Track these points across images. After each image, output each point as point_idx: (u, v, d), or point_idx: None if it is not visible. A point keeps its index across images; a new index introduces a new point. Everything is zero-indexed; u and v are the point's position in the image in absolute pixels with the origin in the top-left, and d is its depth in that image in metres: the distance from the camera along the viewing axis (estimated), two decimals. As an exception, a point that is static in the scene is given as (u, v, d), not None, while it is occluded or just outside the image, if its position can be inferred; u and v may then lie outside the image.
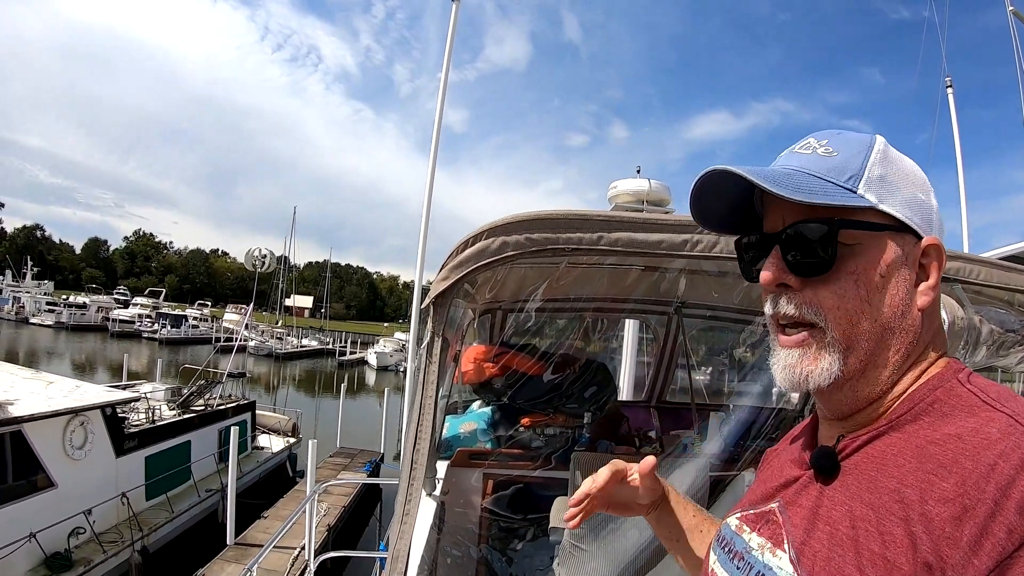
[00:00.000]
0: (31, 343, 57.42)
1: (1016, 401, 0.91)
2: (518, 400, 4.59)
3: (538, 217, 2.02)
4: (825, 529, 0.96)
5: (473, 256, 2.03)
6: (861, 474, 0.97)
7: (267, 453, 20.14)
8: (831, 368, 0.99)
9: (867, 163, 1.02)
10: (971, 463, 0.84)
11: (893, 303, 1.00)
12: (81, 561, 11.07)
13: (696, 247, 2.04)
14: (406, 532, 2.09)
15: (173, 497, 14.42)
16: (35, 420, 10.90)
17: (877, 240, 1.00)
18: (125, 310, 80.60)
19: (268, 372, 52.92)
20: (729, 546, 1.17)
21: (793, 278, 1.02)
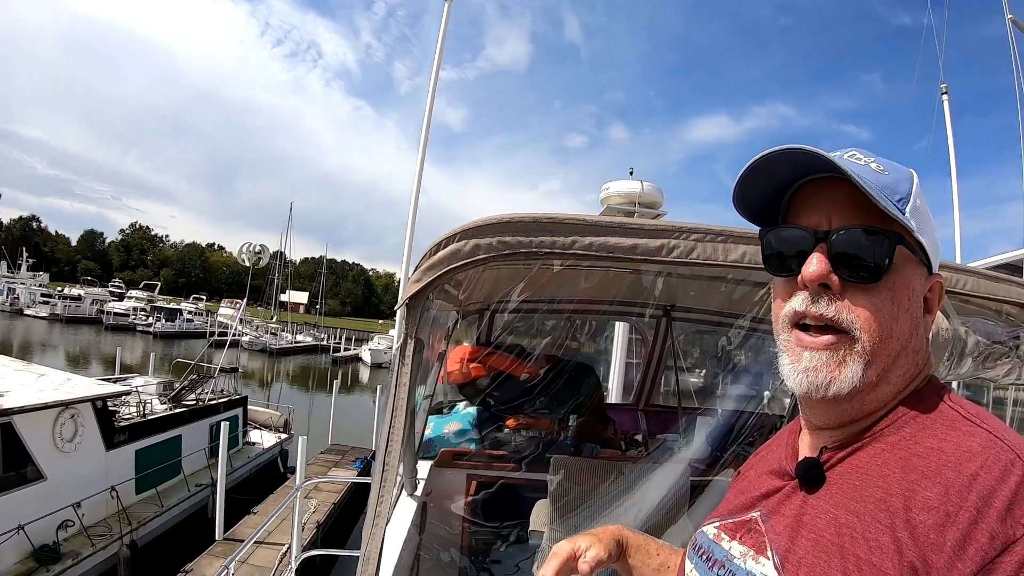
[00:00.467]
0: (25, 335, 57.28)
1: (993, 419, 0.96)
2: (502, 400, 4.59)
3: (511, 220, 2.00)
4: (810, 536, 0.98)
5: (446, 258, 2.02)
6: (846, 484, 0.99)
7: (258, 449, 20.09)
8: (853, 378, 0.99)
9: (912, 190, 1.03)
10: (954, 473, 0.87)
11: (912, 326, 1.04)
12: (69, 554, 11.07)
13: (672, 252, 2.02)
14: (377, 534, 2.10)
15: (163, 491, 14.39)
16: (25, 412, 10.87)
17: (911, 265, 1.03)
18: (120, 303, 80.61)
19: (262, 367, 52.90)
20: (707, 554, 1.18)
21: (836, 280, 1.01)
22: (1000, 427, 0.94)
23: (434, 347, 3.98)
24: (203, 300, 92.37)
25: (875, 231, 0.99)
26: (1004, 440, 0.90)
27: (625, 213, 7.69)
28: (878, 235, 0.99)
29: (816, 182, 1.07)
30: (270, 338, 66.54)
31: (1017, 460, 0.87)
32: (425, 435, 4.52)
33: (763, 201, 1.13)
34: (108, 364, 33.42)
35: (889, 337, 1.00)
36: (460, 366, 4.70)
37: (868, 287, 1.00)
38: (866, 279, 0.99)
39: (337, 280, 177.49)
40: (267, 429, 21.95)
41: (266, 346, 62.81)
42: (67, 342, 55.82)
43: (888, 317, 1.00)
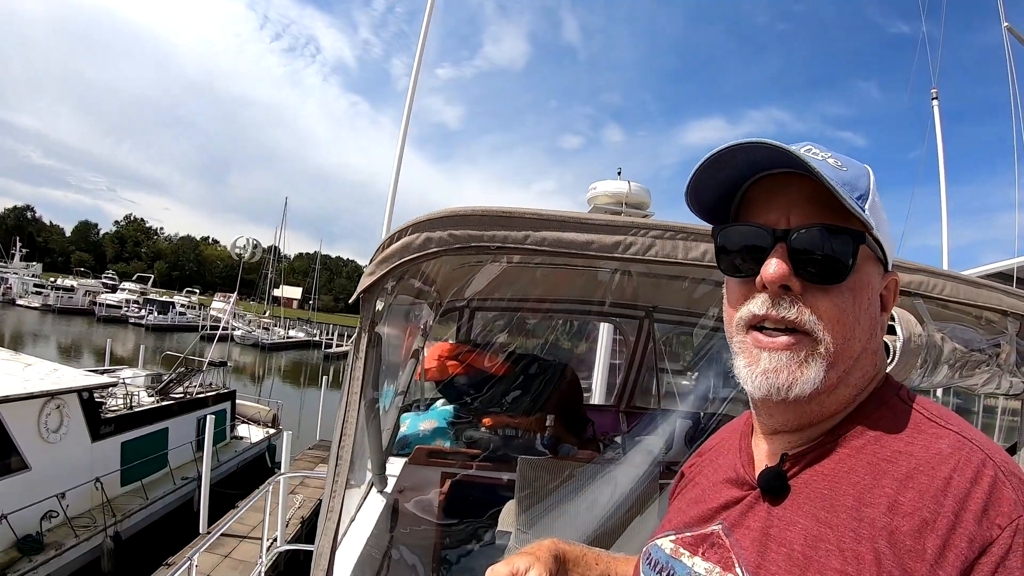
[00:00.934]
0: (17, 325, 57.32)
1: (956, 418, 0.96)
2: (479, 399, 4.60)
3: (463, 213, 1.98)
4: (780, 551, 0.94)
5: (397, 252, 1.99)
6: (813, 492, 0.96)
7: (246, 443, 20.15)
8: (816, 379, 0.96)
9: (870, 187, 1.01)
10: (926, 478, 0.86)
11: (872, 326, 1.02)
12: (53, 544, 11.15)
13: (629, 249, 1.99)
14: (329, 529, 2.09)
15: (148, 484, 14.45)
16: (10, 402, 10.96)
17: (868, 263, 1.01)
18: (113, 295, 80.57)
19: (254, 362, 52.90)
20: (668, 571, 1.13)
21: (797, 281, 0.97)
22: (966, 427, 0.94)
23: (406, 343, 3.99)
24: (196, 293, 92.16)
25: (837, 230, 0.96)
26: (972, 441, 0.90)
27: (612, 213, 7.70)
28: (841, 234, 0.96)
29: (772, 177, 1.03)
30: (262, 333, 66.54)
31: (988, 460, 0.86)
32: (400, 432, 4.51)
33: (716, 197, 1.09)
34: (99, 356, 33.48)
35: (852, 338, 0.98)
36: (438, 363, 4.69)
37: (830, 288, 0.97)
38: (829, 280, 0.97)
39: (331, 276, 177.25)
40: (255, 424, 22.02)
41: (258, 341, 62.82)
42: (59, 333, 55.89)
43: (851, 318, 0.98)
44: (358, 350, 2.15)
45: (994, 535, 0.80)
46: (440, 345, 4.89)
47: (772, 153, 0.96)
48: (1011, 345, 2.40)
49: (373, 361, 2.37)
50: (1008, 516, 0.81)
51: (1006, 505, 0.82)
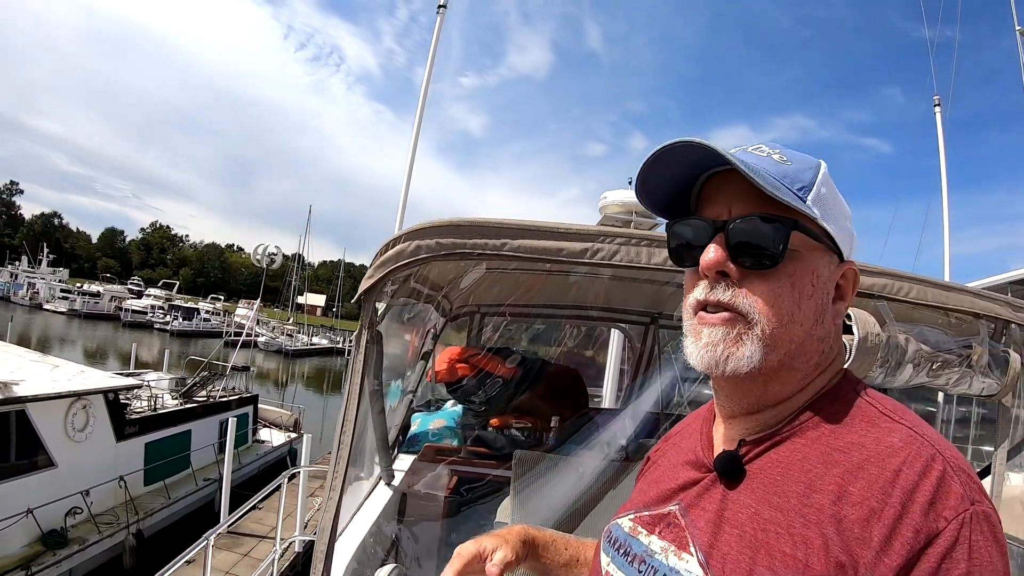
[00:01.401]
0: (44, 329, 57.62)
1: (910, 414, 0.99)
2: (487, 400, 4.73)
3: (449, 224, 2.18)
4: (733, 532, 0.98)
5: (392, 258, 2.20)
6: (767, 478, 1.00)
7: (268, 447, 20.32)
8: (752, 357, 0.99)
9: (815, 180, 1.05)
10: (876, 469, 0.89)
11: (816, 313, 1.04)
12: (76, 540, 11.39)
13: (596, 255, 2.13)
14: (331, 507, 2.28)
15: (171, 484, 14.67)
16: (39, 401, 11.24)
17: (814, 251, 1.04)
18: (138, 300, 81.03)
19: (277, 368, 53.06)
20: (625, 548, 1.16)
21: (734, 268, 1.02)
22: (918, 423, 0.96)
23: (412, 343, 4.17)
24: (221, 300, 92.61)
25: (770, 218, 1.00)
26: (923, 436, 0.93)
27: (623, 222, 7.83)
28: (773, 222, 1.00)
29: (720, 175, 1.07)
30: (286, 339, 66.65)
31: (937, 455, 0.89)
32: (411, 431, 4.67)
33: (673, 195, 1.13)
34: (124, 360, 33.70)
35: (791, 323, 1.01)
36: (447, 366, 4.81)
37: (766, 273, 1.01)
38: (761, 265, 1.01)
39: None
40: (277, 428, 22.19)
41: (281, 347, 62.97)
42: (85, 337, 56.27)
43: (788, 303, 1.01)
44: (359, 347, 2.36)
45: (940, 527, 0.83)
46: (451, 348, 5.01)
47: (707, 152, 1.00)
48: (983, 347, 2.43)
49: (374, 358, 2.58)
50: (955, 509, 0.84)
51: (953, 499, 0.85)
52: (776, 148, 1.09)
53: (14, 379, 11.42)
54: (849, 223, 1.11)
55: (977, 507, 0.85)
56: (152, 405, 15.71)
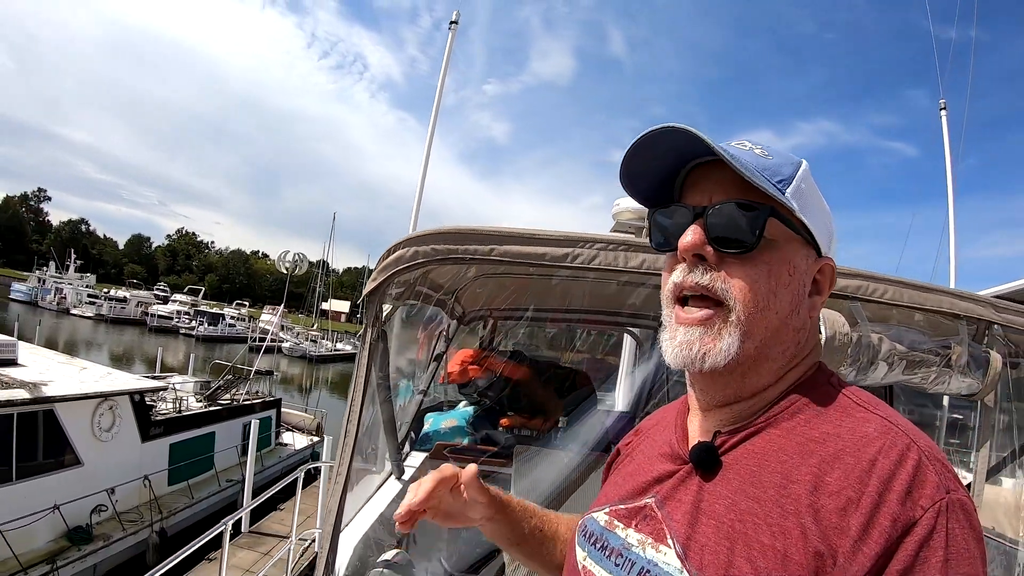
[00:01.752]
0: (71, 333, 57.98)
1: (884, 405, 1.00)
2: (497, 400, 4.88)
3: (443, 231, 2.38)
4: (710, 523, 0.98)
5: (392, 262, 2.43)
6: (743, 469, 1.00)
7: (290, 449, 20.50)
8: (729, 350, 1.00)
9: (795, 174, 1.06)
10: (852, 459, 0.90)
11: (792, 303, 1.05)
12: (101, 536, 11.68)
13: (576, 259, 2.26)
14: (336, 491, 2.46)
15: (194, 484, 14.92)
16: (66, 401, 11.54)
17: (792, 242, 1.05)
18: (164, 306, 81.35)
19: (301, 373, 53.21)
20: (602, 542, 1.16)
21: (712, 251, 1.03)
22: (892, 413, 0.97)
23: (421, 344, 4.35)
24: (246, 306, 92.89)
25: (748, 204, 1.02)
26: (898, 426, 0.93)
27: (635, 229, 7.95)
28: (751, 209, 1.01)
29: (703, 166, 1.09)
30: (310, 345, 66.81)
31: (912, 445, 0.90)
32: (424, 429, 4.82)
33: (655, 184, 1.15)
34: (150, 364, 33.96)
35: (766, 309, 1.02)
36: (460, 367, 4.96)
37: (742, 259, 1.02)
38: (738, 250, 1.02)
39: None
40: (300, 431, 22.36)
41: (306, 353, 63.13)
42: (111, 341, 56.72)
43: (764, 290, 1.01)
44: (364, 346, 2.57)
45: (917, 515, 0.84)
46: (463, 351, 5.15)
47: (689, 139, 1.02)
48: (963, 347, 2.42)
49: (378, 356, 2.78)
50: (931, 498, 0.85)
51: (929, 487, 0.86)
52: (759, 144, 1.10)
53: (43, 380, 11.72)
54: (830, 223, 1.12)
55: (953, 495, 0.86)
56: (177, 407, 15.99)
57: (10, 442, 10.58)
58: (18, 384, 11.15)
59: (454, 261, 2.42)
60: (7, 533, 9.92)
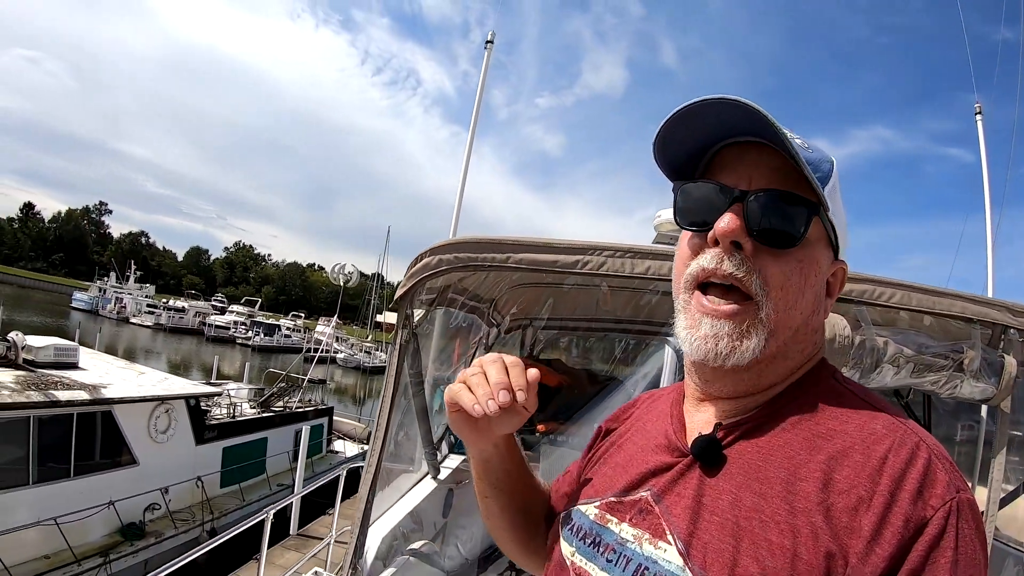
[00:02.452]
0: (131, 341, 58.84)
1: (885, 401, 0.98)
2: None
3: (464, 241, 2.56)
4: (713, 520, 0.94)
5: (419, 270, 2.62)
6: (746, 464, 0.97)
7: (341, 457, 20.58)
8: (755, 348, 0.97)
9: (831, 172, 1.02)
10: (861, 456, 0.88)
11: (815, 303, 1.03)
12: (153, 533, 12.03)
13: (586, 266, 2.38)
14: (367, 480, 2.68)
15: (246, 487, 15.21)
16: (124, 403, 11.93)
17: (820, 241, 1.02)
18: (221, 316, 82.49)
19: (355, 383, 53.55)
20: (592, 538, 1.11)
21: (750, 241, 0.98)
22: (898, 411, 0.95)
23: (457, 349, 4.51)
24: (301, 317, 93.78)
25: (795, 198, 0.98)
26: (905, 424, 0.92)
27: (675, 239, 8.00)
28: (797, 203, 0.98)
29: (740, 145, 1.03)
30: (364, 356, 67.13)
31: (922, 443, 0.88)
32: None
33: (683, 156, 1.08)
34: (206, 372, 34.48)
35: (794, 308, 0.99)
36: None
37: (779, 254, 0.98)
38: (780, 244, 0.98)
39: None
40: (351, 439, 22.44)
41: (360, 364, 63.44)
42: (169, 350, 57.50)
43: (795, 288, 0.98)
44: (395, 347, 2.80)
45: (928, 515, 0.82)
46: None
47: (744, 115, 0.96)
48: (976, 351, 2.40)
49: (409, 357, 2.97)
50: (941, 497, 0.83)
51: (940, 486, 0.84)
52: (798, 135, 1.03)
53: (102, 383, 12.13)
54: (844, 222, 1.08)
55: (962, 495, 0.84)
56: (231, 413, 16.35)
57: (69, 441, 10.94)
58: (78, 386, 11.51)
59: (474, 268, 2.59)
60: (63, 526, 10.26)
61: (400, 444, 4.00)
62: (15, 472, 10.25)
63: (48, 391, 10.85)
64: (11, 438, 10.20)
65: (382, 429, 2.74)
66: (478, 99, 10.01)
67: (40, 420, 10.58)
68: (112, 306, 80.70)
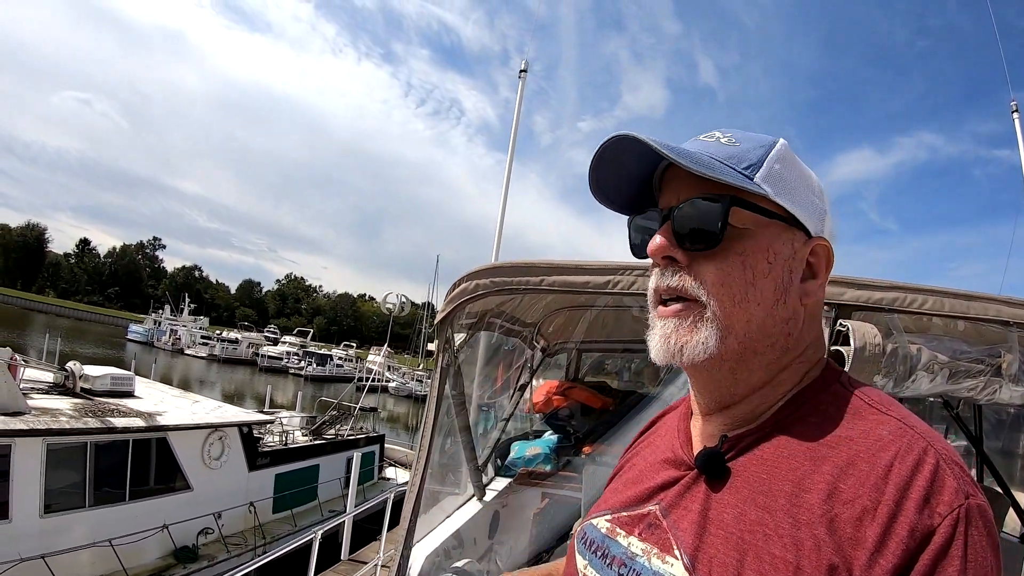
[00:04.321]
0: (185, 371, 59.35)
1: (897, 406, 0.95)
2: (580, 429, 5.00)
3: (499, 266, 2.64)
4: (719, 534, 0.94)
5: (457, 295, 2.71)
6: (751, 476, 0.96)
7: (393, 483, 20.66)
8: (707, 342, 0.98)
9: (767, 158, 1.02)
10: (867, 465, 0.86)
11: (776, 293, 1.00)
12: (206, 556, 12.20)
13: (617, 286, 2.39)
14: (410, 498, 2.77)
15: (298, 514, 15.36)
16: (179, 430, 12.22)
17: (768, 228, 1.01)
18: (274, 347, 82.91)
19: (406, 412, 53.70)
20: (602, 550, 1.12)
21: (680, 253, 1.01)
22: (907, 415, 0.93)
23: (500, 372, 4.56)
24: (353, 347, 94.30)
25: (709, 197, 0.99)
26: (913, 428, 0.90)
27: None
28: (712, 201, 0.99)
29: (673, 166, 1.06)
30: (416, 384, 67.27)
31: (929, 448, 0.86)
32: (509, 457, 4.93)
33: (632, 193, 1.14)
34: (260, 401, 34.76)
35: (744, 301, 0.98)
36: (544, 398, 5.13)
37: (712, 253, 0.99)
38: (705, 245, 0.99)
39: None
40: (403, 467, 22.55)
41: (411, 392, 63.62)
42: (223, 380, 58.20)
43: (740, 281, 0.98)
44: (436, 369, 2.89)
45: (935, 523, 0.80)
46: (548, 382, 5.32)
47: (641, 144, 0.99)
48: (1014, 354, 2.36)
49: (450, 380, 3.05)
50: (949, 505, 0.81)
51: (948, 493, 0.82)
52: (728, 132, 1.07)
53: (157, 410, 12.45)
54: (818, 199, 1.07)
55: (971, 501, 0.83)
56: (283, 440, 16.53)
57: (125, 466, 11.21)
58: (134, 413, 11.79)
59: (509, 292, 2.66)
60: (118, 548, 10.48)
61: (445, 466, 4.06)
62: (73, 495, 10.51)
63: (105, 418, 11.13)
64: (69, 463, 10.46)
65: (424, 450, 2.82)
66: (514, 126, 10.09)
67: (97, 446, 10.84)
68: (167, 338, 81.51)
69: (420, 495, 2.80)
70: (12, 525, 9.64)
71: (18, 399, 10.22)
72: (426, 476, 2.82)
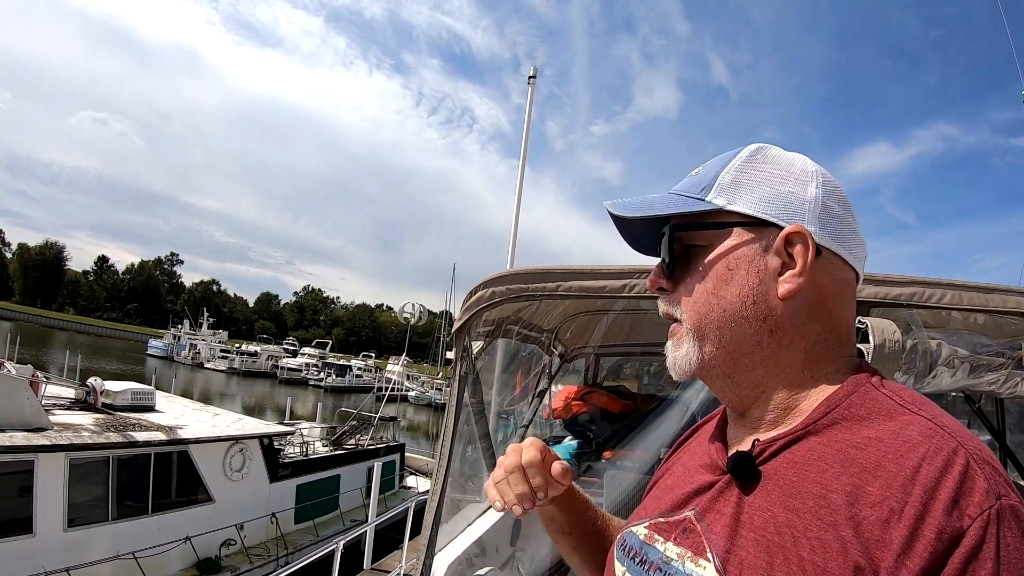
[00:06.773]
0: (205, 385, 59.39)
1: (930, 405, 0.93)
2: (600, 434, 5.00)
3: (515, 272, 2.65)
4: (749, 536, 0.94)
5: (474, 303, 2.71)
6: (782, 480, 0.95)
7: (414, 493, 20.73)
8: (689, 355, 1.04)
9: (720, 173, 1.07)
10: (895, 466, 0.85)
11: (741, 294, 1.02)
12: (229, 568, 12.28)
13: (633, 289, 2.41)
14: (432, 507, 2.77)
15: (320, 524, 15.45)
16: (200, 443, 12.33)
17: (724, 237, 1.04)
18: (293, 359, 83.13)
19: (427, 421, 53.76)
20: (641, 557, 1.12)
21: (665, 282, 1.10)
22: (938, 413, 0.91)
23: (519, 379, 4.56)
24: (372, 357, 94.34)
25: (660, 233, 1.09)
26: (944, 428, 0.87)
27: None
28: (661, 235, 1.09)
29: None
30: (435, 393, 67.26)
31: (959, 448, 0.84)
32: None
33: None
34: (280, 413, 34.80)
35: (708, 310, 1.03)
36: (563, 403, 5.13)
37: (681, 276, 1.08)
38: (673, 271, 1.09)
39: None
40: (423, 476, 22.62)
41: (431, 401, 63.62)
42: (243, 392, 58.35)
43: (703, 294, 1.04)
44: (455, 374, 2.90)
45: (965, 525, 0.78)
46: (567, 388, 5.32)
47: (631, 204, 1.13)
48: None
49: (470, 386, 3.06)
50: (979, 506, 0.79)
51: (978, 494, 0.80)
52: (702, 164, 1.14)
53: (178, 424, 12.59)
54: (796, 188, 1.06)
55: (1004, 501, 0.80)
56: (304, 451, 16.61)
57: (147, 479, 11.33)
58: (155, 427, 11.91)
59: (526, 298, 2.68)
60: (142, 560, 10.55)
61: (466, 474, 4.06)
62: (96, 509, 10.63)
63: (126, 432, 11.24)
64: (91, 477, 10.58)
65: (445, 459, 2.82)
66: (525, 133, 10.11)
67: (119, 460, 10.96)
68: (187, 352, 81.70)
69: (441, 503, 2.80)
70: (36, 539, 9.74)
71: (40, 415, 10.34)
72: (447, 484, 2.83)
